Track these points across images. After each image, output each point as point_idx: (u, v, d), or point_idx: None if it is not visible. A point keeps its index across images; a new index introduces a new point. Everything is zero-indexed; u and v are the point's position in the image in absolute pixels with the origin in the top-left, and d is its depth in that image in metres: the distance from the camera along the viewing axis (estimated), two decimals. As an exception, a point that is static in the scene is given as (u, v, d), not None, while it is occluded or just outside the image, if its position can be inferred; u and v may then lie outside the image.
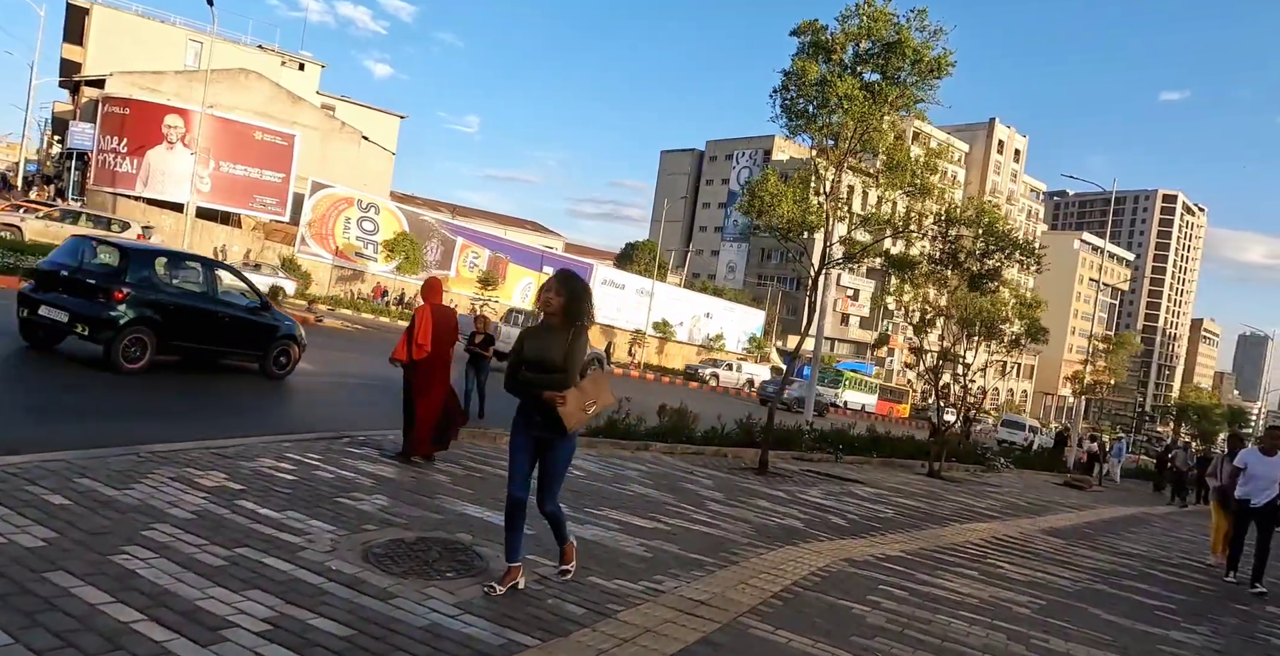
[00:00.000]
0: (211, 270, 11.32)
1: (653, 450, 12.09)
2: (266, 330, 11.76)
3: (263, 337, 11.70)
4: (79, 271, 10.02)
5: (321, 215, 43.80)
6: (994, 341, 16.71)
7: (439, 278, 8.99)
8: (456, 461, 7.93)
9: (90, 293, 9.76)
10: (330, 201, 44.31)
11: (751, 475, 11.47)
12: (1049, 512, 13.67)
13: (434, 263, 48.39)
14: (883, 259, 12.08)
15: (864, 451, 17.18)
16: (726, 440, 13.88)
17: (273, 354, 11.82)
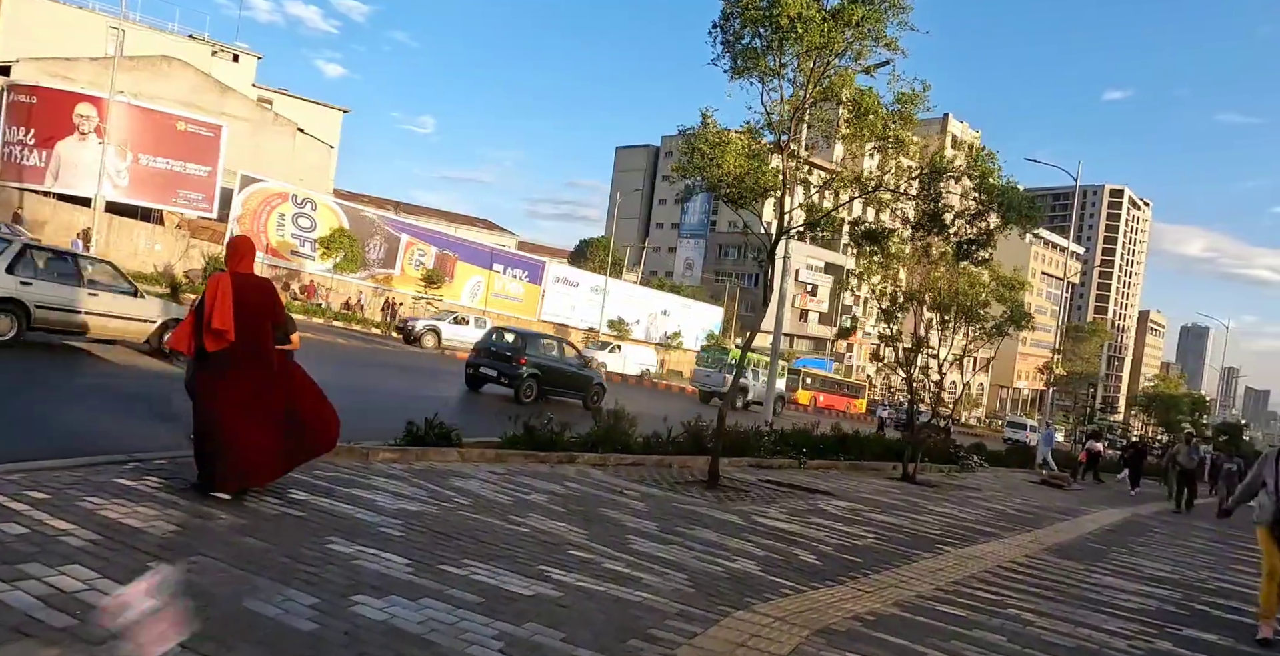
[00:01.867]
0: (561, 344, 20.02)
1: (580, 463, 9.88)
2: (586, 379, 19.62)
3: (584, 383, 19.44)
4: (506, 349, 18.02)
5: (253, 211, 40.90)
6: (973, 327, 14.81)
7: (247, 236, 6.67)
8: (283, 493, 5.64)
9: (507, 362, 17.60)
10: (262, 197, 41.42)
11: (699, 491, 9.32)
12: (1044, 522, 11.71)
13: (377, 260, 45.73)
14: (851, 227, 9.96)
15: (830, 453, 15.15)
16: (673, 447, 11.73)
17: (590, 394, 19.40)
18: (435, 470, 7.78)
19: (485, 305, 49.00)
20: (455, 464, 8.37)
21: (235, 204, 40.17)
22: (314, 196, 43.07)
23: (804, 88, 9.59)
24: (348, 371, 17.28)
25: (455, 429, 8.89)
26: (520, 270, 52.74)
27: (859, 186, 9.56)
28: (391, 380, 17.58)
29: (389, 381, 17.20)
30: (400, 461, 7.93)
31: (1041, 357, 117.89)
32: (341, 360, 19.64)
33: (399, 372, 19.83)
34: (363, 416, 9.09)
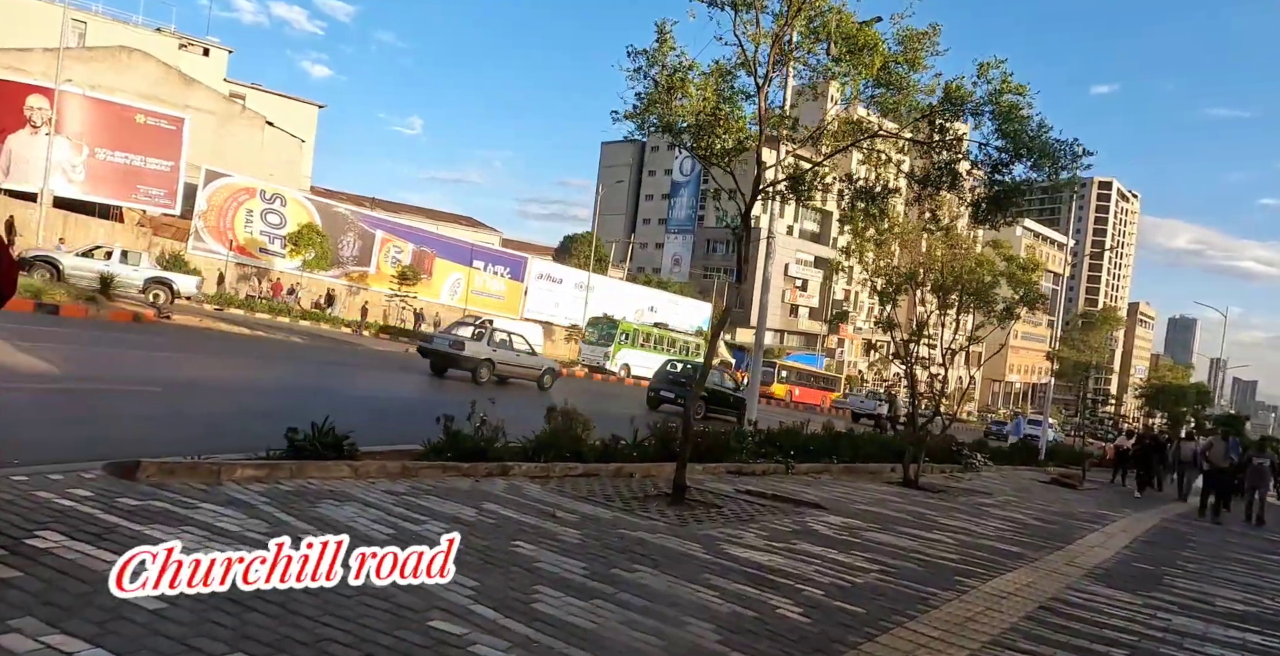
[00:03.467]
0: (722, 372, 25.26)
1: (515, 475, 8.02)
2: (740, 400, 20.43)
3: (740, 403, 19.80)
4: (681, 376, 22.31)
5: (218, 207, 38.94)
6: (980, 310, 13.02)
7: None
8: (19, 541, 3.77)
9: (682, 387, 21.11)
10: (228, 192, 39.45)
11: (660, 508, 7.48)
12: (1072, 535, 9.89)
13: (351, 258, 43.82)
14: (846, 185, 8.08)
15: (821, 455, 13.33)
16: (636, 453, 9.87)
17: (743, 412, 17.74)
18: (308, 492, 5.92)
19: (465, 303, 47.11)
20: (345, 482, 6.51)
21: (199, 199, 38.23)
22: (283, 191, 41.10)
23: (786, 17, 7.76)
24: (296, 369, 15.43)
25: (349, 437, 7.03)
26: (502, 267, 50.88)
27: (854, 131, 7.70)
28: (347, 377, 15.73)
29: (352, 380, 15.35)
30: (265, 480, 6.07)
31: (1035, 351, 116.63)
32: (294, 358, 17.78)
33: (356, 370, 17.97)
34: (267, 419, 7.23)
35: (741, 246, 7.91)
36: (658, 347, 40.49)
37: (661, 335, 41.99)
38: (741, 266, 7.95)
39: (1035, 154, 7.04)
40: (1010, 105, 6.81)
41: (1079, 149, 7.10)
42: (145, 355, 14.35)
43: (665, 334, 42.31)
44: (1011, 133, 6.97)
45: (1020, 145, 7.04)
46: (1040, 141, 6.98)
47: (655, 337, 41.27)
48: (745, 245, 7.93)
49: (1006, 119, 6.88)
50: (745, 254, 7.95)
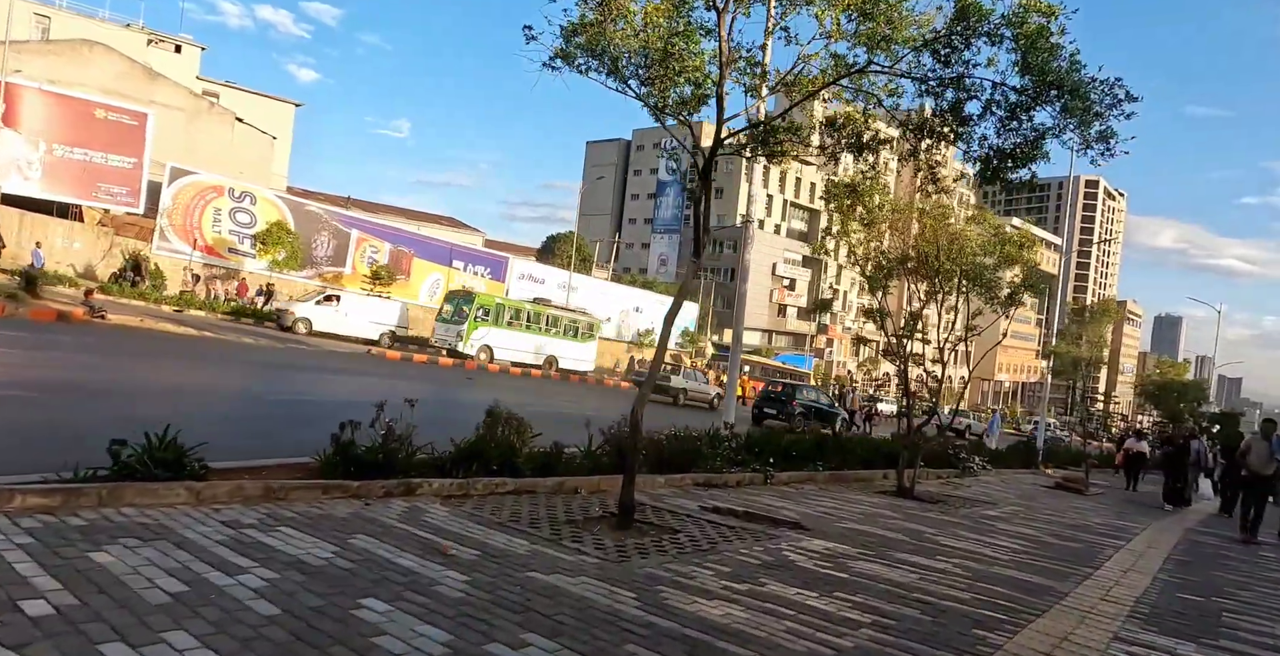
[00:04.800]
0: (817, 390, 30.57)
1: (422, 494, 6.45)
2: (832, 414, 26.58)
3: (832, 417, 25.89)
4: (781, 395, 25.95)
5: (185, 206, 37.14)
6: (981, 296, 11.52)
7: None
8: None
9: (781, 404, 24.97)
10: (195, 190, 37.66)
11: (599, 535, 5.93)
12: (1099, 556, 8.37)
13: (325, 258, 42.07)
14: (827, 131, 6.51)
15: (805, 462, 11.80)
16: (587, 463, 8.31)
17: (836, 426, 23.81)
18: (104, 528, 4.35)
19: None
20: (176, 510, 4.93)
21: (164, 198, 36.44)
22: (253, 190, 39.35)
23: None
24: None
25: (195, 452, 5.47)
26: (482, 267, 49.25)
27: (836, 69, 6.14)
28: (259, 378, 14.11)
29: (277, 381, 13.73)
30: (57, 511, 4.51)
31: (1024, 350, 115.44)
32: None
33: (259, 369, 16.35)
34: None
35: (699, 210, 6.36)
36: (534, 327, 34.02)
37: (538, 312, 34.77)
38: (700, 236, 6.40)
39: (1065, 93, 5.49)
40: (1037, 29, 5.26)
41: (1121, 91, 5.56)
42: (41, 356, 12.72)
43: (544, 310, 35.09)
44: (1037, 66, 5.41)
45: (1047, 82, 5.49)
46: (1073, 79, 5.44)
47: (531, 315, 34.17)
48: (705, 208, 6.38)
49: (1031, 47, 5.33)
50: (704, 221, 6.39)
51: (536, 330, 34.24)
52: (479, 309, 31.85)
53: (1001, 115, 5.71)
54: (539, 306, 35.53)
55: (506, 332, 32.95)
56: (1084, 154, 5.64)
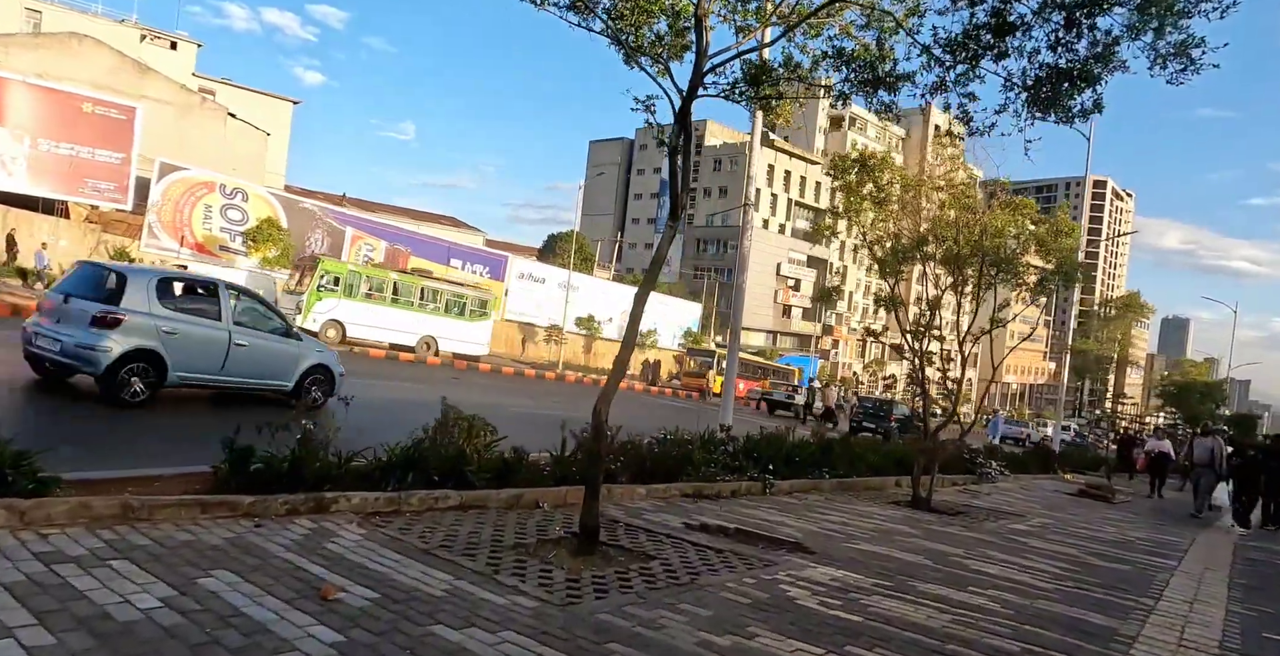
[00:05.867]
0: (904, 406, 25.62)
1: (339, 510, 5.24)
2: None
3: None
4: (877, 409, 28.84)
5: (174, 202, 36.05)
6: (1008, 285, 10.28)
7: None
8: None
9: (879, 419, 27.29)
10: (185, 186, 36.58)
11: (551, 561, 4.71)
12: (1153, 582, 7.11)
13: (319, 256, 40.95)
14: (835, 63, 5.25)
15: (809, 468, 10.54)
16: (556, 471, 7.08)
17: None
18: None
19: (442, 303, 44.27)
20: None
21: (154, 194, 35.35)
22: (245, 186, 38.26)
23: None
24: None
25: (31, 461, 4.27)
26: (481, 266, 48.08)
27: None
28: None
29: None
30: None
31: (1032, 351, 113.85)
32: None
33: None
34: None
35: (676, 164, 5.13)
36: (404, 301, 28.29)
37: (410, 283, 29.05)
38: (676, 200, 5.17)
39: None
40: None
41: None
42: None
43: (417, 282, 29.38)
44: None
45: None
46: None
47: (401, 287, 28.42)
48: (685, 162, 5.17)
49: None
50: (684, 177, 5.17)
51: (409, 305, 28.50)
52: (324, 276, 26.29)
53: (1058, 22, 4.45)
54: (412, 277, 30.10)
55: (364, 306, 27.12)
56: (1160, 70, 4.39)
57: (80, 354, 8.29)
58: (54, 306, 8.89)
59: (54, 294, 9.27)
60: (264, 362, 10.01)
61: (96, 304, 8.54)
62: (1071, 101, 4.65)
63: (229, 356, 9.48)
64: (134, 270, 9.66)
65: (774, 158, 75.68)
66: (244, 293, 10.50)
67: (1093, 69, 4.46)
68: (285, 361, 10.27)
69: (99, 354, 8.24)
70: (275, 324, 10.44)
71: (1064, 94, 4.62)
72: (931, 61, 4.82)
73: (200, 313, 9.38)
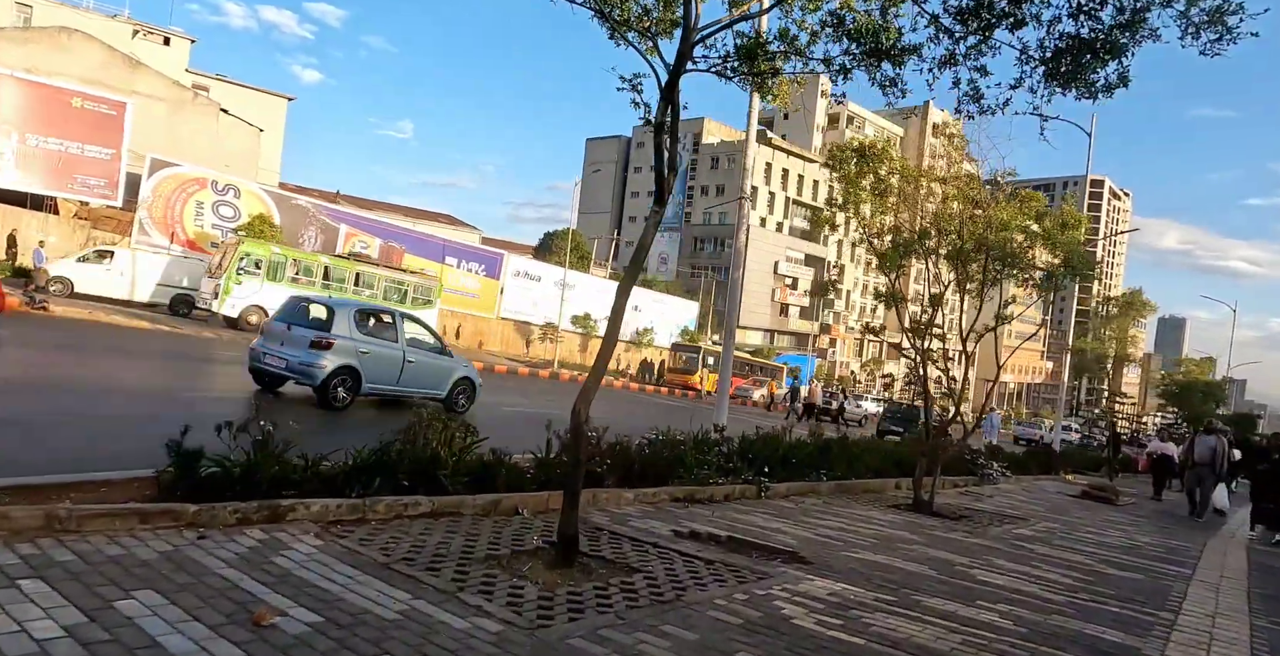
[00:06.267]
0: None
1: (296, 519, 4.83)
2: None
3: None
4: (905, 415, 28.47)
5: (165, 198, 35.58)
6: (1014, 279, 9.88)
7: None
8: None
9: (908, 423, 25.64)
10: (177, 183, 36.12)
11: (524, 575, 4.30)
12: (1169, 592, 6.71)
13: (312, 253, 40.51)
14: (832, 30, 4.83)
15: (807, 470, 10.13)
16: (542, 477, 6.67)
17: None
18: None
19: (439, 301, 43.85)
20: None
21: (144, 190, 34.89)
22: (237, 183, 37.81)
23: None
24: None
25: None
26: (476, 263, 47.65)
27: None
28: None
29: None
30: None
31: (1029, 350, 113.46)
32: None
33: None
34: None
35: (661, 141, 4.71)
36: (337, 288, 26.02)
37: (343, 268, 26.98)
38: (664, 177, 4.75)
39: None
40: None
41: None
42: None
43: (351, 267, 27.42)
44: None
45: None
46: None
47: (332, 272, 26.49)
48: (672, 142, 4.75)
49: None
50: (670, 157, 4.76)
51: (341, 291, 26.29)
52: (245, 258, 24.29)
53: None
54: (346, 262, 28.00)
55: (291, 291, 23.76)
56: (1193, 41, 3.98)
57: (303, 369, 10.57)
58: (278, 332, 11.17)
59: (278, 323, 11.47)
60: (426, 376, 12.19)
61: (313, 331, 10.90)
62: (1094, 75, 4.24)
63: (403, 371, 11.75)
64: (339, 303, 11.94)
65: (772, 155, 75.30)
66: (413, 319, 12.69)
67: (1118, 39, 4.05)
68: (441, 375, 12.51)
69: (317, 370, 10.54)
70: (434, 344, 12.68)
71: (1086, 67, 4.21)
72: (940, 33, 4.42)
73: (384, 336, 11.69)
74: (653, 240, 5.06)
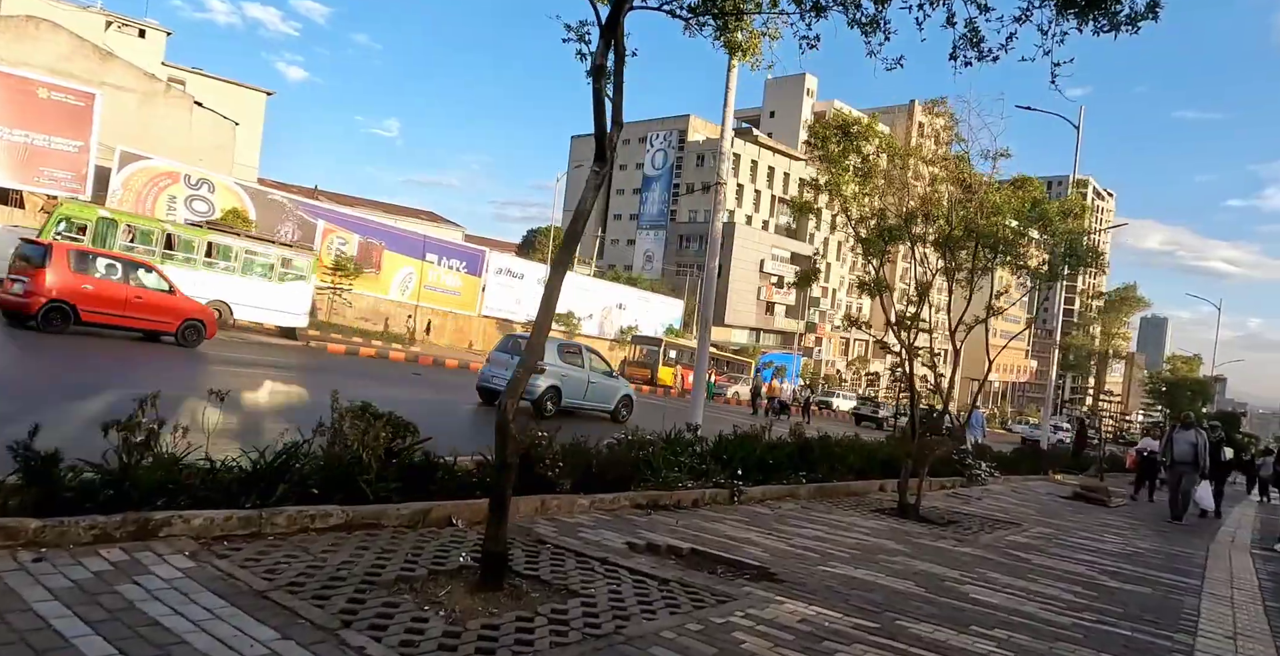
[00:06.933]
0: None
1: (171, 535, 4.05)
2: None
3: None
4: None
5: (136, 192, 34.59)
6: (1008, 267, 9.22)
7: None
8: None
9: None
10: (148, 176, 35.13)
11: (436, 603, 3.56)
12: (1180, 608, 6.04)
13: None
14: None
15: (785, 471, 9.43)
16: (483, 481, 5.92)
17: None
18: None
19: (417, 299, 43.03)
20: None
21: (114, 184, 33.90)
22: (211, 177, 36.82)
23: None
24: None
25: None
26: (458, 260, 46.79)
27: None
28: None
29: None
30: None
31: (1014, 349, 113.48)
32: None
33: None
34: None
35: (602, 93, 3.98)
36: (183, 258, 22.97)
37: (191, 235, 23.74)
38: (605, 134, 4.02)
39: None
40: None
41: None
42: None
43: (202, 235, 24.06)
44: None
45: None
46: None
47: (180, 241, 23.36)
48: (616, 86, 4.02)
49: None
50: (614, 114, 4.03)
51: (190, 263, 23.43)
52: (61, 223, 20.79)
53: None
54: (196, 230, 24.96)
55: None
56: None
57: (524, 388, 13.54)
58: (502, 360, 15.23)
59: (500, 353, 15.82)
60: (601, 394, 16.13)
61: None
62: (1118, 5, 3.55)
63: (588, 390, 15.77)
64: (548, 340, 14.11)
65: (758, 153, 74.68)
66: (592, 350, 16.80)
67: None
68: (611, 393, 16.47)
69: (534, 389, 14.22)
70: (606, 369, 16.78)
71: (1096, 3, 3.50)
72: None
73: (575, 363, 15.71)
74: (592, 206, 4.32)
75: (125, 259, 16.94)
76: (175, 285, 17.51)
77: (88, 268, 15.16)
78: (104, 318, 15.46)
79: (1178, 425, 14.16)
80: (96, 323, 15.35)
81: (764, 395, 32.67)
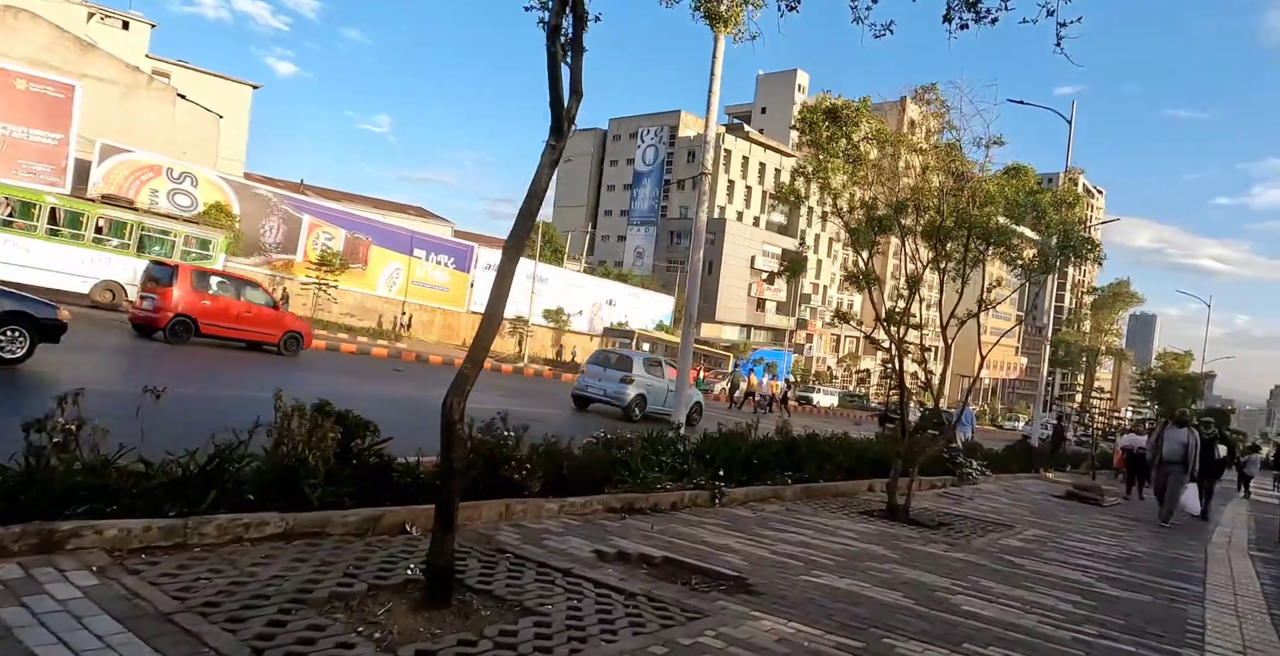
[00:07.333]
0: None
1: (83, 547, 3.64)
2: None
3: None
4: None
5: (118, 186, 34.00)
6: (1001, 258, 8.86)
7: None
8: None
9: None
10: (129, 170, 34.60)
11: (374, 624, 3.16)
12: (1186, 618, 5.70)
13: (274, 244, 39.06)
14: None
15: (771, 472, 9.06)
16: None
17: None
18: None
19: (405, 295, 42.53)
20: None
21: (95, 177, 33.33)
22: (194, 170, 36.27)
23: None
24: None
25: None
26: (446, 256, 46.31)
27: None
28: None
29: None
30: None
31: (1004, 346, 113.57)
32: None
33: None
34: None
35: (558, 56, 3.59)
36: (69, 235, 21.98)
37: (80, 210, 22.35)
38: (561, 104, 3.64)
39: None
40: None
41: None
42: None
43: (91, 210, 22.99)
44: None
45: None
46: None
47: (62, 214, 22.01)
48: (575, 43, 3.63)
49: None
50: (573, 82, 3.64)
51: (77, 240, 22.15)
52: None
53: None
54: (86, 204, 23.78)
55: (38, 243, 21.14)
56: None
57: (616, 396, 17.08)
58: (596, 373, 17.71)
59: (594, 366, 18.13)
60: (675, 402, 16.84)
61: (620, 371, 17.40)
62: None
63: (666, 398, 17.07)
64: (634, 355, 18.94)
65: (749, 150, 74.31)
66: (670, 363, 18.11)
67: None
68: (685, 401, 16.84)
69: (625, 396, 17.03)
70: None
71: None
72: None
73: (656, 374, 18.07)
74: (547, 184, 3.94)
75: (236, 277, 19.40)
76: (278, 300, 19.93)
77: (206, 286, 17.04)
78: (220, 330, 17.32)
79: (1169, 422, 13.42)
80: (213, 334, 17.18)
81: (742, 390, 32.56)
